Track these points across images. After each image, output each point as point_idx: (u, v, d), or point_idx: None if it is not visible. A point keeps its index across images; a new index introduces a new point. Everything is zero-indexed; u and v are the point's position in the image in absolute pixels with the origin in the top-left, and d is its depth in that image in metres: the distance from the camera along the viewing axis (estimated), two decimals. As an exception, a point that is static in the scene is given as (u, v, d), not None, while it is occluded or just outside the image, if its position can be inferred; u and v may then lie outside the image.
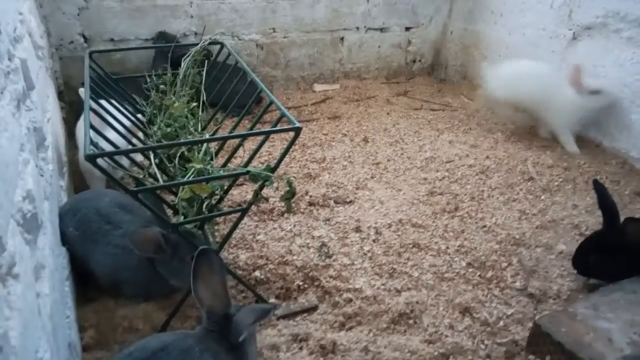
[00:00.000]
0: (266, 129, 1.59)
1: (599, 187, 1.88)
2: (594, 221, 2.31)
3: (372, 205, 2.40)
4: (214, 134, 1.98)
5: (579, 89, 2.80)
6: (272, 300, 1.79)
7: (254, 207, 2.26)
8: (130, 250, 1.53)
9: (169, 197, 1.92)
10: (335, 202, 2.40)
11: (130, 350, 1.17)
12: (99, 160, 1.28)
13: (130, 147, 1.89)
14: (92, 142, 1.33)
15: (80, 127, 2.19)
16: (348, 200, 2.42)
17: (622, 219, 1.81)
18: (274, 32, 3.60)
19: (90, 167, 1.63)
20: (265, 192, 1.55)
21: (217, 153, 1.91)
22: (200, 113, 1.98)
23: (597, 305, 1.65)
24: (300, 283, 1.86)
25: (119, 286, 1.71)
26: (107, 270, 1.69)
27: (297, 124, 1.46)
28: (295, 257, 1.98)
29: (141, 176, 1.65)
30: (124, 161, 1.80)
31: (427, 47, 4.10)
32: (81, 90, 1.97)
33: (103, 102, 1.83)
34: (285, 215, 2.27)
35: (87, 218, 1.70)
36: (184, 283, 1.61)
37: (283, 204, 1.63)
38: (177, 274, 1.61)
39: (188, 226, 1.68)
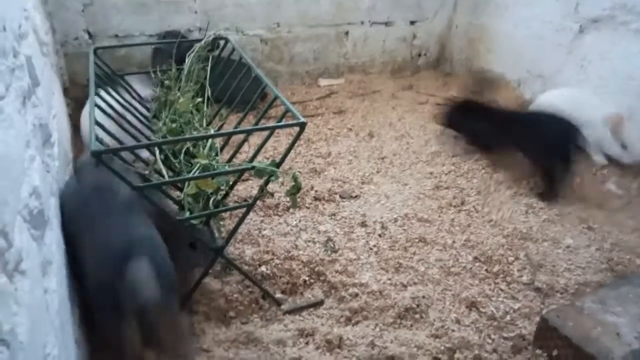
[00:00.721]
0: (271, 124, 1.58)
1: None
2: (601, 215, 2.30)
3: (378, 199, 2.39)
4: (219, 129, 1.98)
5: (616, 138, 2.65)
6: (279, 295, 1.80)
7: (259, 203, 2.26)
8: None
9: (175, 193, 1.92)
10: (341, 197, 2.39)
11: None
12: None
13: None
14: (97, 138, 1.33)
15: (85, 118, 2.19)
16: (354, 194, 2.42)
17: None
18: (278, 27, 3.58)
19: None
20: (271, 187, 1.55)
21: (222, 148, 1.91)
22: (205, 108, 1.98)
23: (605, 299, 1.64)
24: (306, 278, 1.87)
25: None
26: None
27: (302, 119, 1.46)
28: (301, 252, 1.98)
29: (147, 172, 1.65)
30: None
31: (432, 41, 4.07)
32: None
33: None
34: (291, 210, 2.26)
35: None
36: (191, 268, 1.66)
37: (288, 199, 1.63)
38: (182, 264, 1.61)
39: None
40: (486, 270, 1.96)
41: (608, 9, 2.91)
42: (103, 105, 1.71)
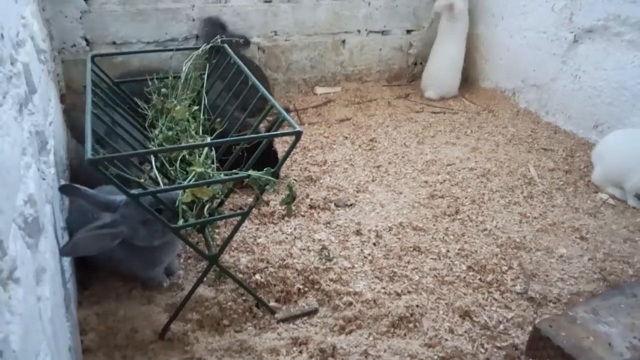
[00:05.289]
0: (267, 133, 1.59)
1: None
2: (594, 224, 2.31)
3: (373, 208, 2.40)
4: (215, 137, 1.98)
5: None
6: (273, 303, 1.80)
7: (254, 210, 2.26)
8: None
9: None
10: (336, 205, 2.40)
11: None
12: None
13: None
14: (93, 147, 1.33)
15: None
16: (349, 203, 2.43)
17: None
18: (276, 35, 3.60)
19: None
20: (266, 195, 1.56)
21: (218, 156, 1.91)
22: (201, 116, 1.99)
23: (597, 309, 1.65)
24: (301, 286, 1.87)
25: (115, 264, 1.75)
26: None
27: (298, 128, 1.47)
28: (295, 261, 1.99)
29: (142, 180, 1.65)
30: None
31: (428, 50, 4.08)
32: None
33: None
34: (286, 218, 2.27)
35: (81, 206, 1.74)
36: (161, 238, 1.63)
37: (284, 207, 1.64)
38: (146, 233, 1.60)
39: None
40: (480, 279, 1.97)
41: (602, 19, 2.94)
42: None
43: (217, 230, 2.09)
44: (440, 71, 3.85)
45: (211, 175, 1.61)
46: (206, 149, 1.79)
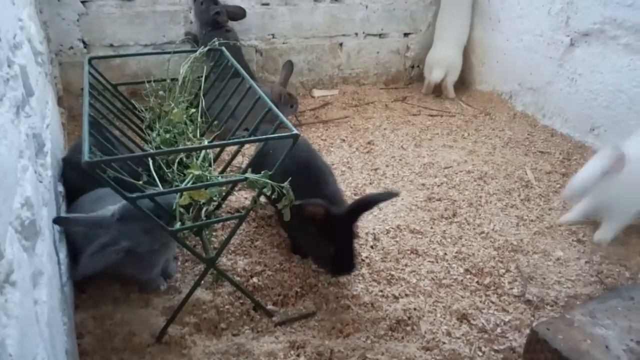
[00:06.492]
0: (264, 136, 1.59)
1: None
2: (591, 228, 2.32)
3: (370, 211, 2.40)
4: (212, 140, 1.98)
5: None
6: (270, 306, 1.79)
7: (252, 213, 2.26)
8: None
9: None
10: (334, 208, 2.40)
11: None
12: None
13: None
14: (91, 150, 1.33)
15: None
16: (346, 206, 2.43)
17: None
18: (273, 37, 3.61)
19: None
20: (263, 198, 1.56)
21: (215, 159, 1.92)
22: (199, 119, 1.99)
23: (594, 312, 1.65)
24: (298, 289, 1.87)
25: (113, 267, 1.69)
26: None
27: (295, 131, 1.47)
28: (293, 264, 1.98)
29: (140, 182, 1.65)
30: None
31: (425, 53, 4.09)
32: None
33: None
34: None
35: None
36: (160, 240, 1.63)
37: (282, 210, 1.64)
38: (149, 240, 1.60)
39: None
40: (477, 282, 1.97)
41: (598, 23, 2.96)
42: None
43: (214, 233, 2.09)
44: (445, 46, 3.86)
45: (208, 178, 1.61)
46: (203, 151, 1.79)
